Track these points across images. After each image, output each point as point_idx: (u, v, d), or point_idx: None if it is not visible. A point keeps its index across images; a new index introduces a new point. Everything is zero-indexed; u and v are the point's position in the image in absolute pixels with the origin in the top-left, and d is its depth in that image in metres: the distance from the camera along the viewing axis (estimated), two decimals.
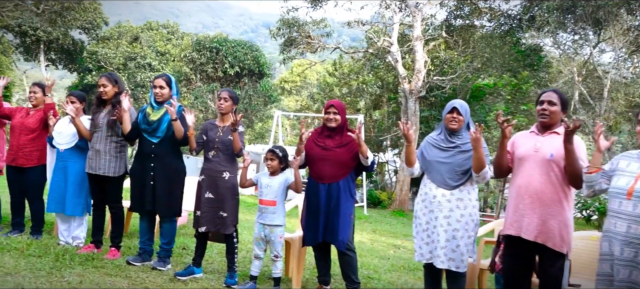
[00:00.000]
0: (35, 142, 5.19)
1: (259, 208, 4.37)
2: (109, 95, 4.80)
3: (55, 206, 5.03)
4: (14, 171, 5.23)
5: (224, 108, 4.54)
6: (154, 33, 33.61)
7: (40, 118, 5.23)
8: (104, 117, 4.78)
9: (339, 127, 4.27)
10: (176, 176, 4.61)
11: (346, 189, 4.18)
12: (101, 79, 4.83)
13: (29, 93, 5.39)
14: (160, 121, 4.53)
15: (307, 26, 21.98)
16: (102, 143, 4.74)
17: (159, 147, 4.53)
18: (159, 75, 4.68)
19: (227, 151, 4.48)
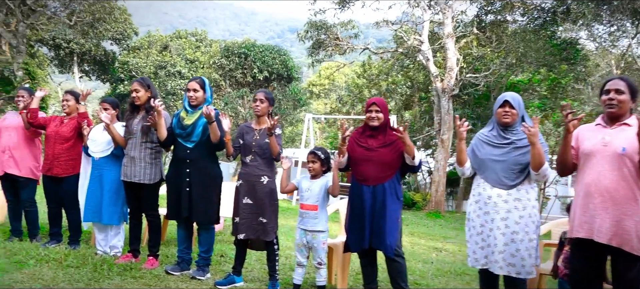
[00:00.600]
0: (70, 151, 5.12)
1: (300, 213, 4.17)
2: (142, 100, 4.69)
3: (91, 215, 4.94)
4: (50, 180, 5.17)
5: (260, 110, 4.37)
6: (182, 41, 33.91)
7: (74, 126, 5.17)
8: (138, 124, 4.66)
9: (382, 125, 4.03)
10: (212, 182, 4.44)
11: (392, 191, 3.94)
12: (134, 84, 4.72)
13: (62, 101, 5.33)
14: (195, 124, 4.38)
15: (334, 28, 21.82)
16: (136, 150, 4.63)
17: (194, 151, 4.38)
18: (192, 78, 4.54)
19: (264, 155, 4.31)
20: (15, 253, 4.72)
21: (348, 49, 22.28)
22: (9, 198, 5.42)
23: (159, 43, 33.41)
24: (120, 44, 31.89)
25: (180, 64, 30.78)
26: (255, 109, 4.39)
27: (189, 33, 35.82)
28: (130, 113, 4.75)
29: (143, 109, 4.70)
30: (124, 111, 5.08)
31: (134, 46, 32.20)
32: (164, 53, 31.90)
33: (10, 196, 5.41)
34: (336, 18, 21.66)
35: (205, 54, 31.87)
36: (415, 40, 18.95)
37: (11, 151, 5.28)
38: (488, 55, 19.83)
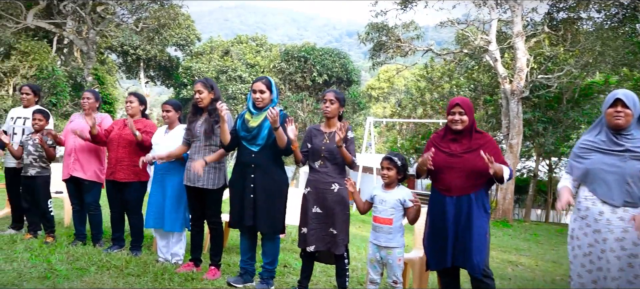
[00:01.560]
0: (132, 156, 4.98)
1: (373, 226, 3.78)
2: (205, 102, 4.47)
3: (154, 221, 4.77)
4: (113, 185, 5.05)
5: (330, 111, 4.03)
6: (243, 46, 34.43)
7: (138, 129, 5.02)
8: (201, 126, 4.44)
9: (467, 128, 3.59)
10: (278, 189, 4.14)
11: (480, 203, 3.49)
12: (197, 85, 4.50)
13: (126, 102, 5.21)
14: (260, 127, 4.10)
15: (396, 29, 21.29)
16: (200, 154, 4.40)
17: (260, 156, 4.09)
18: (258, 78, 4.24)
19: (335, 160, 3.96)
20: (78, 258, 4.62)
21: (410, 50, 21.72)
22: (74, 201, 5.37)
23: (221, 48, 34.08)
24: (183, 49, 32.79)
25: (241, 69, 31.21)
26: (324, 110, 4.06)
27: (249, 38, 36.37)
28: (193, 115, 4.54)
29: (206, 111, 4.48)
30: (186, 113, 4.89)
31: (197, 52, 33.02)
32: (225, 58, 32.47)
33: (75, 199, 5.36)
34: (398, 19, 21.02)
35: (265, 58, 32.16)
36: (482, 40, 18.10)
37: (77, 154, 5.22)
38: (561, 55, 18.67)
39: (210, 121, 4.39)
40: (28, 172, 5.26)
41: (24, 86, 5.72)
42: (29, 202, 5.35)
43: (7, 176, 5.68)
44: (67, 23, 19.43)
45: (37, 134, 5.32)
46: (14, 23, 18.18)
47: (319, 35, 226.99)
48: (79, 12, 18.87)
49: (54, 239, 5.31)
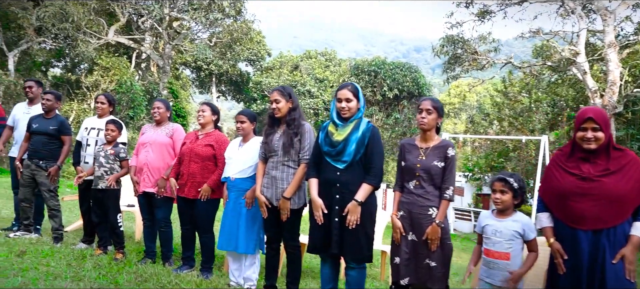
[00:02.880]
0: (204, 171, 4.63)
1: (485, 261, 3.16)
2: (282, 112, 4.04)
3: (226, 242, 4.37)
4: (184, 201, 4.72)
5: (426, 122, 3.47)
6: (312, 61, 34.39)
7: (209, 143, 4.68)
8: (279, 139, 4.01)
9: (602, 147, 2.91)
10: (367, 211, 3.60)
11: (623, 239, 2.79)
12: (273, 94, 4.07)
13: (198, 112, 4.89)
14: (347, 141, 3.60)
15: (472, 42, 20.34)
16: (278, 169, 3.97)
17: (346, 174, 3.58)
18: (343, 85, 3.73)
19: (432, 180, 3.40)
20: (146, 279, 4.30)
21: (487, 63, 20.65)
22: (145, 217, 5.11)
23: (290, 63, 34.22)
24: (254, 64, 33.23)
25: (310, 83, 31.10)
26: (420, 121, 3.50)
27: (318, 53, 36.32)
28: (270, 127, 4.12)
29: (284, 122, 4.05)
30: (261, 125, 4.49)
31: (267, 66, 33.32)
32: (295, 73, 32.52)
33: (146, 214, 5.09)
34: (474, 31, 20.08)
35: (334, 73, 31.91)
36: (568, 52, 16.80)
37: (149, 168, 4.96)
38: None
39: (289, 133, 3.96)
40: (98, 186, 5.05)
41: (100, 95, 5.58)
42: (99, 216, 5.15)
43: (80, 188, 5.53)
44: (145, 38, 20.05)
45: (109, 145, 5.13)
46: (96, 39, 18.95)
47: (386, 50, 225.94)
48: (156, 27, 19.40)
49: (123, 255, 5.06)
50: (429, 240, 3.32)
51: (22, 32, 19.94)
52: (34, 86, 6.02)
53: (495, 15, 19.19)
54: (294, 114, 3.96)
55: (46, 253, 4.83)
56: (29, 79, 6.19)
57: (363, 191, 3.49)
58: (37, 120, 5.54)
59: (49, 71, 26.22)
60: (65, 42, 20.87)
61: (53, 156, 5.52)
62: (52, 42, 21.44)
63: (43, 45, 22.75)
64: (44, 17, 17.14)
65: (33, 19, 17.99)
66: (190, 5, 17.78)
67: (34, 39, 19.60)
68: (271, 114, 4.10)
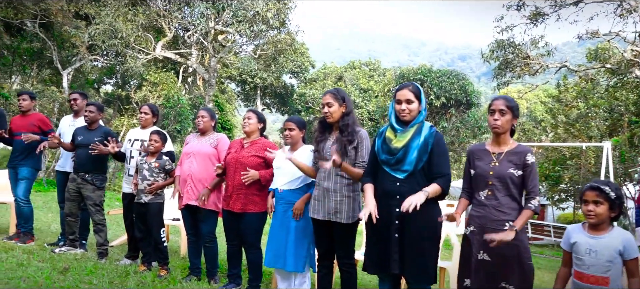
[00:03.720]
0: (252, 183, 4.34)
1: (575, 284, 2.70)
2: (335, 117, 3.70)
3: (274, 259, 4.06)
4: (229, 215, 4.44)
5: (500, 125, 3.06)
6: (356, 71, 34.12)
7: (256, 152, 4.40)
8: (331, 146, 3.67)
9: None
10: (431, 227, 3.21)
11: None
12: (325, 97, 3.75)
13: (244, 119, 4.62)
14: (408, 147, 3.22)
15: (523, 46, 19.49)
16: (331, 180, 3.64)
17: (407, 184, 3.20)
18: (403, 85, 3.35)
19: (507, 189, 2.98)
20: None
21: (540, 68, 19.74)
22: (190, 231, 4.87)
23: (334, 74, 34.04)
24: (297, 76, 33.24)
25: (355, 94, 30.79)
26: (493, 124, 3.09)
27: (362, 63, 36.03)
28: (321, 133, 3.80)
29: (337, 128, 3.71)
30: (311, 131, 4.16)
31: (311, 78, 33.26)
32: (339, 83, 32.30)
33: (191, 229, 4.85)
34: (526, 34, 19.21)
35: (379, 83, 31.49)
36: (630, 53, 15.77)
37: (193, 180, 4.72)
38: None
39: (342, 140, 3.62)
40: (141, 199, 4.86)
41: (144, 105, 5.42)
42: (142, 231, 4.95)
43: (124, 201, 5.38)
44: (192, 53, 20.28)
45: (152, 157, 4.93)
46: (144, 55, 19.30)
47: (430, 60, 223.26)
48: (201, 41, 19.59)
49: (167, 272, 4.84)
50: (497, 242, 2.85)
51: (75, 51, 20.57)
52: (78, 98, 5.94)
53: (549, 17, 18.32)
54: (347, 120, 3.62)
55: (89, 270, 4.66)
56: (74, 92, 6.12)
57: (432, 189, 3.09)
58: (82, 132, 5.44)
59: (101, 88, 27.05)
60: (116, 60, 21.38)
61: (99, 169, 5.39)
62: (103, 60, 22.03)
63: (95, 63, 23.44)
64: (95, 35, 17.57)
65: (85, 37, 18.50)
66: (234, 17, 17.83)
67: (87, 57, 20.16)
68: (322, 119, 3.78)
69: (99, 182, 5.36)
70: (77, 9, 20.12)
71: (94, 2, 20.34)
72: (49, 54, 21.02)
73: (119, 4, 18.48)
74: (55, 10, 18.59)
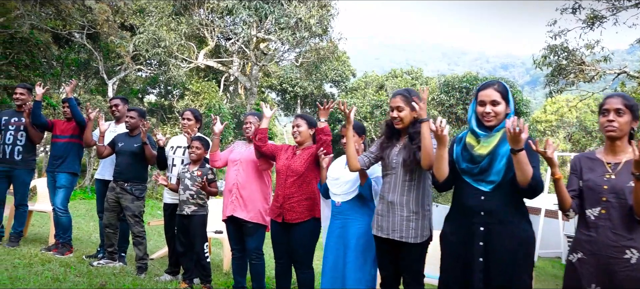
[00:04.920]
0: (304, 189, 3.91)
1: None
2: (405, 122, 3.22)
3: (331, 279, 3.58)
4: (279, 227, 4.01)
5: (617, 127, 2.53)
6: (398, 80, 33.50)
7: (308, 158, 3.96)
8: (399, 154, 3.19)
9: None
10: (524, 250, 2.67)
11: None
12: (395, 99, 3.27)
13: (293, 127, 4.19)
14: (494, 155, 2.70)
15: (578, 51, 18.47)
16: (397, 192, 3.15)
17: (494, 198, 2.68)
18: (487, 83, 2.84)
19: (624, 209, 2.41)
20: None
21: (596, 74, 18.64)
22: (234, 246, 4.46)
23: (375, 83, 33.54)
24: (338, 85, 32.86)
25: None
26: (607, 127, 2.54)
27: (404, 72, 35.38)
28: (388, 139, 3.31)
29: (406, 135, 3.22)
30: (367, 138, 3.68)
31: (352, 87, 32.83)
32: (380, 92, 31.77)
33: (236, 243, 4.44)
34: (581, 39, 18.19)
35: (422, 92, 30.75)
36: None
37: (239, 190, 4.31)
38: None
39: (412, 147, 3.13)
40: (183, 211, 4.49)
41: (186, 111, 5.07)
42: (184, 245, 4.57)
43: (166, 212, 5.03)
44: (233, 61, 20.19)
45: (195, 165, 4.57)
46: (186, 63, 19.34)
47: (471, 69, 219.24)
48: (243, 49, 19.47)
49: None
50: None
51: (120, 61, 20.85)
52: (120, 104, 5.67)
53: (607, 21, 17.27)
54: (418, 126, 3.13)
55: (127, 287, 4.31)
56: (115, 97, 5.87)
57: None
58: (122, 139, 5.14)
59: (145, 98, 27.43)
60: (159, 69, 21.55)
61: (139, 178, 5.08)
62: (147, 69, 22.26)
63: (139, 73, 23.77)
64: (139, 44, 17.70)
65: (130, 47, 18.68)
66: (277, 25, 17.59)
67: (131, 66, 20.38)
68: (390, 123, 3.30)
69: (138, 192, 5.04)
70: (122, 19, 20.41)
71: (138, 14, 20.58)
72: (95, 64, 21.39)
73: (163, 14, 18.58)
74: (101, 20, 18.86)
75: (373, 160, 3.37)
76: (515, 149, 2.49)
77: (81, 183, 18.55)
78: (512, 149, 2.50)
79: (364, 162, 3.36)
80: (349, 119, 3.38)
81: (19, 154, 5.54)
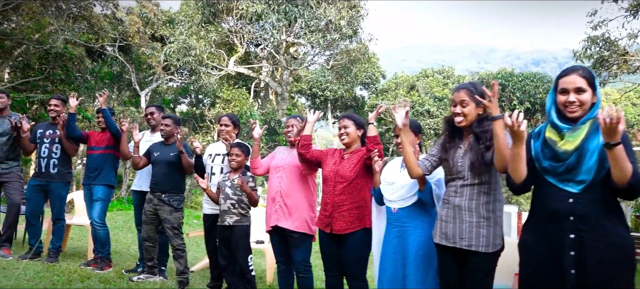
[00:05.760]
0: (354, 196, 3.61)
1: None
2: (469, 119, 2.88)
3: None
4: (329, 238, 3.71)
5: None
6: (429, 80, 32.85)
7: (358, 162, 3.66)
8: (464, 156, 2.86)
9: None
10: (623, 258, 2.31)
11: None
12: (459, 93, 2.92)
13: (340, 128, 3.88)
14: (582, 150, 2.35)
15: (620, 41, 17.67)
16: (464, 195, 2.82)
17: (585, 201, 2.33)
18: (570, 69, 2.49)
19: None
20: None
21: None
22: (279, 258, 4.19)
23: (406, 84, 32.96)
24: (368, 88, 32.47)
25: (429, 103, 29.58)
26: None
27: (435, 71, 34.72)
28: (450, 138, 2.98)
29: (471, 134, 2.88)
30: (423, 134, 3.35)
31: (382, 89, 32.37)
32: (412, 93, 31.21)
33: (280, 255, 4.17)
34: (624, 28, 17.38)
35: None
36: None
37: (283, 198, 4.05)
38: None
39: (479, 149, 2.79)
40: (225, 221, 4.25)
41: (223, 116, 4.84)
42: (227, 258, 4.33)
43: (206, 223, 4.81)
44: (263, 67, 20.10)
45: (235, 173, 4.32)
46: (217, 71, 19.33)
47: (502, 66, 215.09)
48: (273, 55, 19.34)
49: None
50: None
51: (151, 72, 21.02)
52: (155, 112, 5.50)
53: None
54: (486, 125, 2.78)
55: None
56: (150, 105, 5.70)
57: None
58: (157, 148, 4.95)
59: (177, 107, 27.65)
60: (190, 78, 21.64)
61: (176, 188, 4.87)
62: (178, 79, 22.40)
63: (170, 84, 23.95)
64: (169, 53, 17.77)
65: (161, 57, 18.78)
66: (306, 28, 17.39)
67: (163, 77, 20.52)
68: (450, 120, 2.96)
69: (176, 202, 4.84)
70: (152, 31, 20.58)
71: (168, 24, 20.71)
72: (127, 76, 21.63)
73: (192, 22, 18.61)
74: (132, 32, 19.05)
75: (435, 163, 3.04)
76: (611, 143, 2.13)
77: (117, 194, 18.69)
78: (607, 143, 2.15)
79: (425, 167, 3.03)
80: (404, 119, 3.06)
81: (55, 167, 5.42)
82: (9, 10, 15.55)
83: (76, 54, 17.46)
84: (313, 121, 3.91)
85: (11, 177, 5.56)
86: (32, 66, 17.31)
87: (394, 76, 34.11)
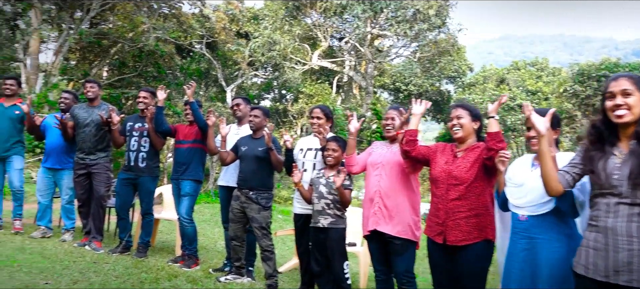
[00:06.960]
0: (471, 202, 3.07)
1: None
2: (635, 112, 2.21)
3: None
4: (440, 250, 3.18)
5: None
6: (521, 72, 30.97)
7: (475, 160, 3.12)
8: (622, 165, 2.22)
9: None
10: None
11: None
12: (620, 81, 2.23)
13: (452, 119, 3.35)
14: None
15: None
16: (617, 215, 2.17)
17: None
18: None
19: None
20: None
21: None
22: (378, 267, 3.73)
23: (495, 77, 31.30)
24: (454, 82, 31.17)
25: (521, 97, 27.82)
26: None
27: (527, 63, 32.70)
28: (597, 143, 2.34)
29: (632, 136, 2.24)
30: None
31: (469, 83, 30.94)
32: (502, 86, 29.56)
33: (380, 264, 3.72)
34: None
35: (550, 84, 28.10)
36: None
37: (382, 199, 3.59)
38: None
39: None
40: (319, 222, 3.87)
41: (315, 108, 4.45)
42: (321, 264, 3.94)
43: (297, 223, 4.46)
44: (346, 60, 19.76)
45: (331, 170, 3.92)
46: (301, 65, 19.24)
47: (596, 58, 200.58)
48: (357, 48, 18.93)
49: None
50: None
51: (237, 67, 21.39)
52: (242, 104, 5.24)
53: None
54: None
55: None
56: (237, 97, 5.45)
57: None
58: (245, 142, 4.67)
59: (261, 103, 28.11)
60: (274, 74, 21.79)
61: (265, 185, 4.56)
62: (262, 74, 22.66)
63: (255, 80, 24.31)
64: (254, 48, 17.91)
65: (246, 53, 19.00)
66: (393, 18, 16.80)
67: (247, 72, 20.80)
68: (598, 124, 2.33)
69: (264, 201, 4.53)
70: (237, 27, 20.90)
71: (252, 20, 20.93)
72: (214, 72, 22.15)
73: (276, 17, 18.62)
74: (219, 28, 19.43)
75: (578, 176, 2.42)
76: None
77: (205, 187, 19.17)
78: None
79: (567, 183, 2.40)
80: (545, 122, 2.46)
81: (143, 160, 5.33)
82: (106, 11, 16.33)
83: (166, 51, 18.06)
84: (420, 113, 3.42)
85: (98, 168, 5.54)
86: (127, 64, 18.11)
87: (482, 69, 32.51)
